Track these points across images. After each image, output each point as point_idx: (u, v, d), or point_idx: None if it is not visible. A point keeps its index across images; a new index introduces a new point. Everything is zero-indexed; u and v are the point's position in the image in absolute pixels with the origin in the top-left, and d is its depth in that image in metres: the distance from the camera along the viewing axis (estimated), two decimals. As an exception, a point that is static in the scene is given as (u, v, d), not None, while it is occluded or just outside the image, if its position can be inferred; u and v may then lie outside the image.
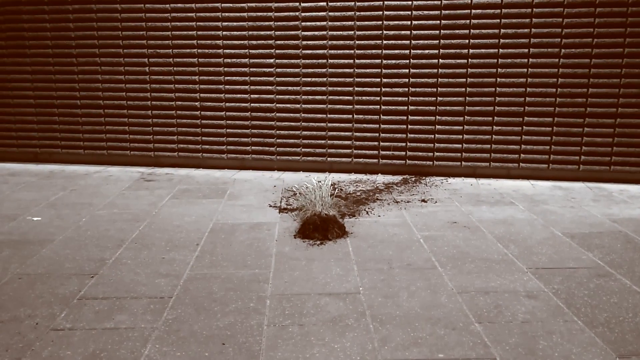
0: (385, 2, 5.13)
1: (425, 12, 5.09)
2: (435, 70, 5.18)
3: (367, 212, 4.16)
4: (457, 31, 5.07)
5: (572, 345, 2.28)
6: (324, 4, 5.22)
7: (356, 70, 5.30)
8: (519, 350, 2.24)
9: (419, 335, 2.35)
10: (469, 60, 5.11)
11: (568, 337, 2.34)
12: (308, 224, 3.61)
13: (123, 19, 5.52)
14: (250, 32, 5.39)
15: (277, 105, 5.51)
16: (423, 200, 4.51)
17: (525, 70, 5.04)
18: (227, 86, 5.54)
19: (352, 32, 5.23)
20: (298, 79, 5.41)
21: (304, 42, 5.33)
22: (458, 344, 2.28)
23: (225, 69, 5.50)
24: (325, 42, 5.29)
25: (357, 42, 5.25)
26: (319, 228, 3.56)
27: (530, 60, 5.02)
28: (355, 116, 5.40)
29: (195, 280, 2.92)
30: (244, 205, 4.35)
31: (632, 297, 2.72)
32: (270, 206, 4.34)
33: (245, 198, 4.58)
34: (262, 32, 5.37)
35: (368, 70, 5.28)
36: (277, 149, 5.60)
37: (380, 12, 5.15)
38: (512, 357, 2.19)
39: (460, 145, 5.29)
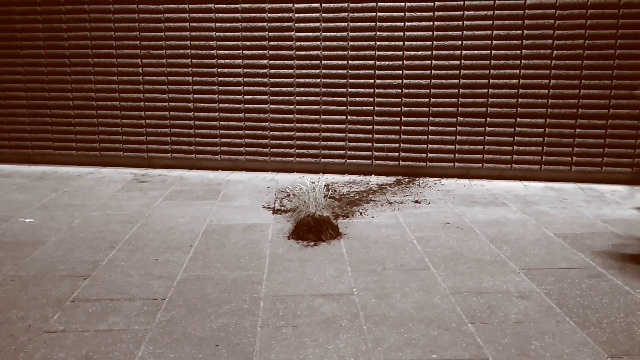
0: (379, 4, 5.14)
1: (419, 14, 5.11)
2: (429, 72, 5.20)
3: (361, 213, 4.16)
4: (450, 32, 5.09)
5: (564, 345, 2.29)
6: (317, 5, 5.23)
7: (350, 71, 5.31)
8: (511, 350, 2.25)
9: (412, 336, 2.36)
10: (462, 61, 5.13)
11: (560, 337, 2.36)
12: (302, 225, 3.61)
13: (116, 19, 5.50)
14: (243, 33, 5.38)
15: (271, 106, 5.50)
16: (416, 201, 4.52)
17: (518, 71, 5.07)
18: (220, 87, 5.53)
19: (346, 33, 5.24)
20: (292, 79, 5.42)
21: (298, 44, 5.33)
22: (451, 344, 2.30)
23: (219, 69, 5.50)
24: (318, 43, 5.30)
25: (350, 43, 5.26)
26: (312, 229, 3.57)
27: (523, 61, 5.05)
28: (348, 117, 5.41)
29: (188, 282, 2.91)
30: (238, 207, 4.35)
31: (623, 298, 2.74)
32: (264, 207, 4.34)
33: (238, 199, 4.58)
34: (256, 33, 5.37)
35: (361, 72, 5.29)
36: (271, 150, 5.60)
37: (374, 14, 5.17)
38: (505, 357, 2.20)
39: (453, 147, 5.31)
